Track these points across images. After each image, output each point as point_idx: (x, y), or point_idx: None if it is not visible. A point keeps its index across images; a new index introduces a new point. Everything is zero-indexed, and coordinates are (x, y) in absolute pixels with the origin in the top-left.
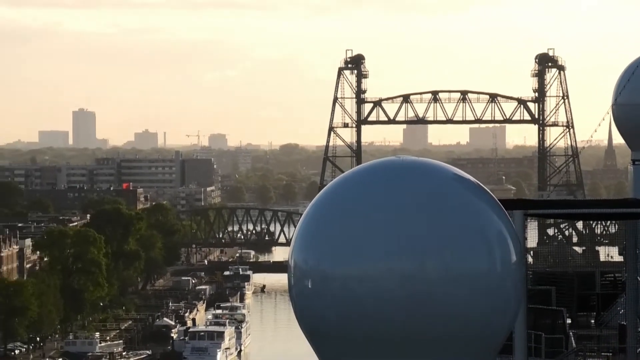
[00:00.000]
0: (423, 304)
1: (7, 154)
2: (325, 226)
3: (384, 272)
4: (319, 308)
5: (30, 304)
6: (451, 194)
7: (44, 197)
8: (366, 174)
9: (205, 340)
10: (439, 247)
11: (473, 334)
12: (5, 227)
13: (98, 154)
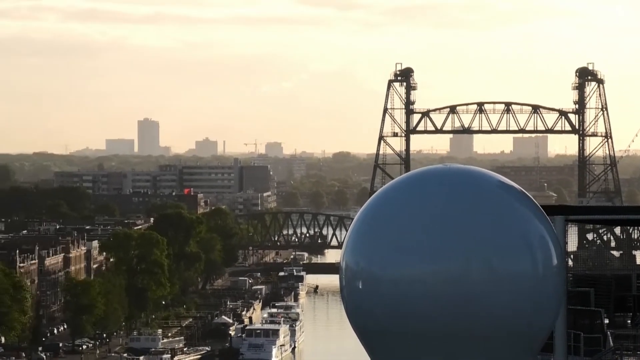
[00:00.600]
0: (468, 305)
1: (76, 160)
2: (376, 230)
3: (430, 274)
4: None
5: (97, 302)
6: (495, 200)
7: (110, 202)
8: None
9: (261, 337)
10: (484, 250)
11: (515, 333)
12: (74, 229)
13: (161, 161)
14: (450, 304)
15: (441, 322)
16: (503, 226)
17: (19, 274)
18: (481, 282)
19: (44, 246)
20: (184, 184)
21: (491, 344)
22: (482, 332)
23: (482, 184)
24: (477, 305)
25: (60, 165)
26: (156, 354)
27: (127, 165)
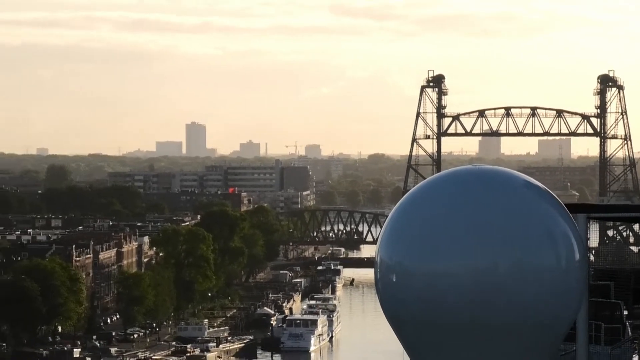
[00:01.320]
0: (496, 297)
1: (128, 161)
2: (409, 226)
3: (460, 268)
4: (402, 299)
5: (147, 294)
6: (521, 199)
7: (160, 200)
8: (445, 180)
9: (301, 327)
10: (511, 246)
11: (540, 324)
12: (126, 226)
13: (207, 162)
14: (478, 296)
15: (470, 313)
16: (529, 223)
17: (75, 268)
18: (508, 275)
19: (98, 241)
20: (229, 183)
21: (517, 334)
22: (509, 323)
23: (509, 184)
24: (504, 297)
25: (114, 166)
26: (203, 343)
27: (175, 166)
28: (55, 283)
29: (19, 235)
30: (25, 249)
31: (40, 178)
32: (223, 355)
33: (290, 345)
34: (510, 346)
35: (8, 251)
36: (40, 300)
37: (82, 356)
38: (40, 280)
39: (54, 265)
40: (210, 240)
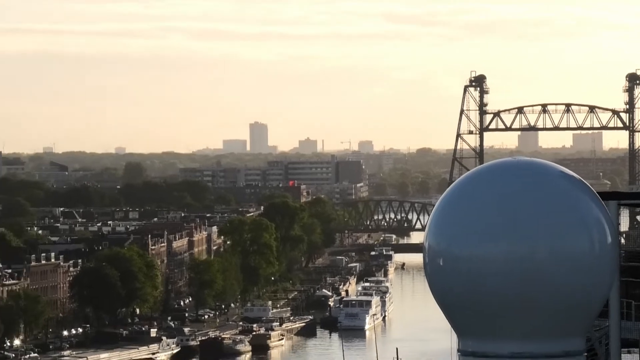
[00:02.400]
0: (534, 279)
1: (198, 158)
2: (454, 214)
3: (502, 252)
4: (449, 282)
5: (216, 278)
6: (557, 188)
7: (227, 193)
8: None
9: (356, 307)
10: (547, 231)
11: (576, 302)
12: (197, 217)
13: (269, 158)
14: (518, 278)
15: (511, 294)
16: (564, 210)
17: (151, 255)
18: (546, 259)
19: (172, 231)
20: (289, 177)
21: (554, 312)
22: (547, 302)
23: (546, 174)
24: (542, 279)
25: (185, 163)
26: (267, 322)
27: (240, 162)
28: (133, 269)
29: (100, 226)
30: (106, 239)
31: (118, 175)
32: (286, 333)
33: (346, 324)
34: (548, 323)
35: (90, 241)
36: (120, 285)
37: (159, 335)
38: (119, 267)
39: (132, 253)
40: (273, 229)
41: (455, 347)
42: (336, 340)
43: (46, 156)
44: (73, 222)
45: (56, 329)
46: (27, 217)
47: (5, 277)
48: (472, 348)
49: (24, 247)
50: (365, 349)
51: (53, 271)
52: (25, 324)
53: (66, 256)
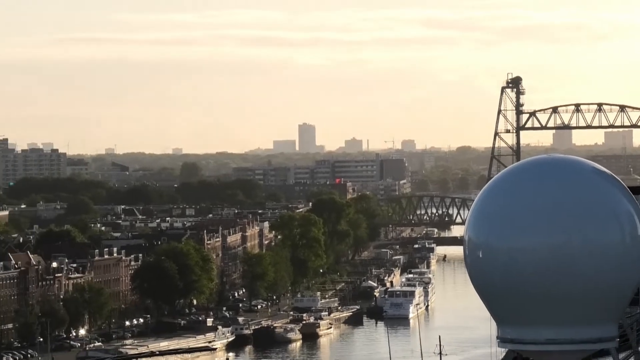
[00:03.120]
0: (569, 269)
1: (250, 158)
2: (493, 209)
3: (538, 244)
4: (488, 272)
5: (268, 271)
6: (590, 183)
7: (277, 191)
8: (524, 168)
9: (401, 297)
10: (581, 224)
11: (608, 291)
12: (249, 213)
13: (317, 157)
14: (554, 269)
15: (547, 283)
16: (597, 204)
17: (207, 250)
18: (579, 250)
19: (226, 227)
20: (336, 175)
21: (588, 300)
22: (581, 291)
23: (580, 170)
24: (576, 269)
25: (237, 162)
26: (316, 312)
27: (290, 161)
28: (190, 263)
29: (158, 223)
30: (164, 235)
31: (175, 174)
32: (334, 322)
33: (391, 313)
34: (581, 311)
35: (150, 237)
36: (177, 278)
37: (215, 325)
38: (177, 261)
39: (188, 247)
40: (321, 224)
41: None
42: (382, 328)
43: (108, 157)
44: (133, 219)
45: (119, 320)
46: (91, 214)
47: (70, 271)
48: (511, 335)
49: (88, 242)
50: (409, 337)
51: (115, 265)
52: (89, 315)
53: (127, 251)
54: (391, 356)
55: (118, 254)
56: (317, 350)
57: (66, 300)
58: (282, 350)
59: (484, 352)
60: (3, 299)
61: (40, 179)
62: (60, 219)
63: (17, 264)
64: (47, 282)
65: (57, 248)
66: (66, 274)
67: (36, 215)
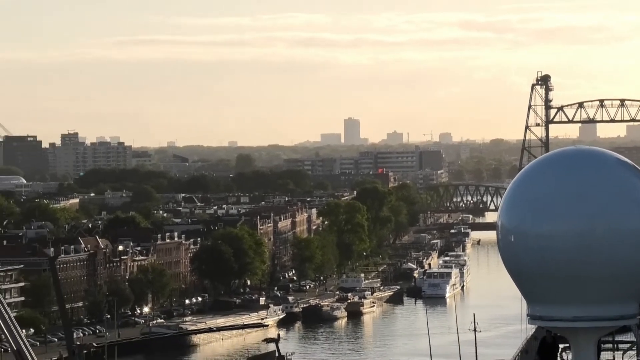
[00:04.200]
0: (594, 254)
1: (299, 150)
2: (524, 196)
3: (565, 230)
4: (519, 256)
5: (315, 254)
6: (614, 173)
7: (324, 180)
8: (552, 159)
9: (438, 278)
10: (606, 211)
11: (630, 274)
12: (299, 200)
13: (361, 149)
14: (580, 252)
15: (573, 267)
16: (620, 192)
17: (260, 234)
18: (603, 236)
19: (277, 213)
20: (378, 165)
21: (611, 281)
22: (604, 273)
23: (604, 161)
24: (600, 252)
25: (288, 154)
26: (360, 292)
27: (336, 153)
28: (244, 247)
29: (215, 209)
30: (221, 220)
31: (231, 165)
32: (376, 301)
33: (429, 293)
34: (605, 291)
35: (207, 222)
36: (233, 260)
37: (267, 303)
38: (233, 245)
39: (243, 232)
40: (365, 210)
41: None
42: (420, 307)
43: (169, 149)
44: (193, 206)
45: (179, 298)
46: (154, 202)
47: (135, 254)
48: (540, 313)
49: (151, 228)
50: (446, 315)
51: (176, 248)
52: (152, 294)
53: (187, 235)
54: (429, 332)
55: (178, 238)
56: (360, 327)
57: (131, 280)
58: (329, 326)
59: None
60: (74, 280)
61: (108, 169)
62: (126, 206)
63: (87, 248)
64: (114, 264)
65: (123, 233)
66: (131, 257)
67: (104, 203)
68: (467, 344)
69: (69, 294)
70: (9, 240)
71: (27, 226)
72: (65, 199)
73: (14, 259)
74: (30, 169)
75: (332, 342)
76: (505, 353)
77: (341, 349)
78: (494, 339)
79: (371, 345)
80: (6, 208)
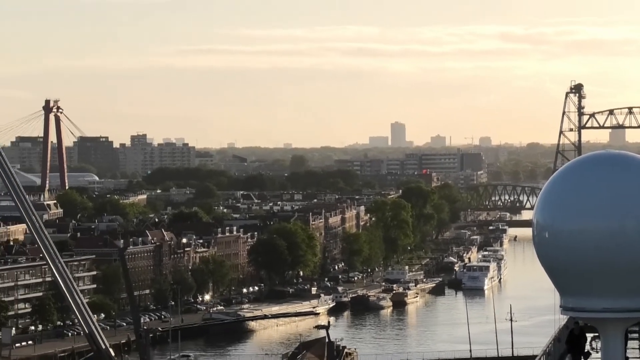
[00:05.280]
0: (623, 250)
1: (349, 151)
2: (557, 196)
3: (596, 228)
4: (553, 251)
5: (363, 248)
6: None
7: (372, 180)
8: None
9: (477, 271)
10: (634, 211)
11: None
12: (348, 198)
13: (407, 151)
14: (610, 248)
15: (603, 261)
16: None
17: (312, 229)
18: (631, 233)
19: (328, 210)
20: (423, 166)
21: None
22: (633, 267)
23: (632, 163)
24: (629, 249)
25: (338, 155)
26: (404, 283)
27: (383, 154)
28: (297, 240)
29: (271, 206)
30: (276, 216)
31: (286, 165)
32: (420, 292)
33: (469, 285)
34: (633, 284)
35: (263, 218)
36: (286, 253)
37: (318, 293)
38: (287, 239)
39: (296, 227)
40: (409, 208)
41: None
42: (460, 297)
43: (229, 150)
44: (250, 203)
45: (237, 287)
46: (215, 198)
47: (197, 246)
48: (572, 304)
49: (212, 222)
50: (484, 305)
51: (235, 241)
52: (213, 283)
53: (245, 230)
54: (468, 321)
55: (237, 232)
56: (405, 315)
57: (194, 270)
58: (375, 315)
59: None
60: (141, 269)
61: (173, 168)
62: (189, 202)
63: (153, 240)
64: (178, 255)
65: (187, 226)
66: (194, 249)
67: (169, 199)
68: (504, 333)
69: (137, 282)
70: (83, 233)
71: (99, 220)
72: (134, 195)
73: (87, 249)
74: (102, 168)
75: (378, 329)
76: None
77: (386, 336)
78: (529, 328)
79: (414, 332)
80: (80, 203)
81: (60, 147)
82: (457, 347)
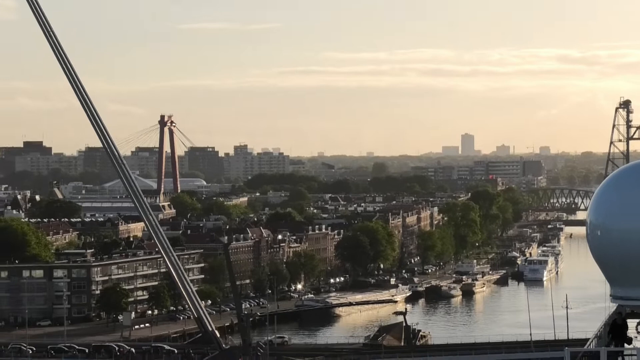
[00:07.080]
0: None
1: (424, 159)
2: (609, 198)
3: None
4: (604, 247)
5: (436, 244)
6: None
7: (444, 184)
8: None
9: (537, 265)
10: None
11: None
12: (423, 200)
13: (475, 159)
14: None
15: None
16: None
17: (391, 227)
18: None
19: (405, 210)
20: (489, 172)
21: None
22: None
23: None
24: None
25: (415, 162)
26: (473, 275)
27: (454, 162)
28: (378, 237)
29: (355, 207)
30: (360, 216)
31: (368, 171)
32: (486, 283)
33: (530, 276)
34: None
35: (349, 217)
36: (369, 248)
37: (396, 283)
38: (369, 236)
39: (377, 226)
40: (477, 209)
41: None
42: (522, 288)
43: (319, 158)
44: (337, 204)
45: (326, 278)
46: (306, 200)
47: (291, 241)
48: (620, 294)
49: (304, 221)
50: (543, 294)
51: (323, 238)
52: (304, 274)
53: (332, 228)
54: (529, 309)
55: (325, 230)
56: (473, 303)
57: (288, 263)
58: (447, 303)
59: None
60: (243, 262)
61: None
62: (284, 203)
63: (253, 236)
64: (274, 249)
65: (282, 225)
66: (288, 244)
67: (267, 201)
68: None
69: (239, 273)
70: (192, 230)
71: (206, 219)
72: (236, 197)
73: (196, 244)
74: (209, 174)
75: (450, 315)
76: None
77: (457, 321)
78: (582, 314)
79: (481, 318)
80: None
81: (173, 156)
82: (519, 331)
